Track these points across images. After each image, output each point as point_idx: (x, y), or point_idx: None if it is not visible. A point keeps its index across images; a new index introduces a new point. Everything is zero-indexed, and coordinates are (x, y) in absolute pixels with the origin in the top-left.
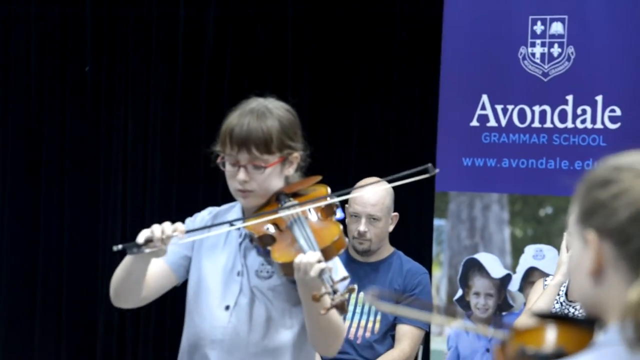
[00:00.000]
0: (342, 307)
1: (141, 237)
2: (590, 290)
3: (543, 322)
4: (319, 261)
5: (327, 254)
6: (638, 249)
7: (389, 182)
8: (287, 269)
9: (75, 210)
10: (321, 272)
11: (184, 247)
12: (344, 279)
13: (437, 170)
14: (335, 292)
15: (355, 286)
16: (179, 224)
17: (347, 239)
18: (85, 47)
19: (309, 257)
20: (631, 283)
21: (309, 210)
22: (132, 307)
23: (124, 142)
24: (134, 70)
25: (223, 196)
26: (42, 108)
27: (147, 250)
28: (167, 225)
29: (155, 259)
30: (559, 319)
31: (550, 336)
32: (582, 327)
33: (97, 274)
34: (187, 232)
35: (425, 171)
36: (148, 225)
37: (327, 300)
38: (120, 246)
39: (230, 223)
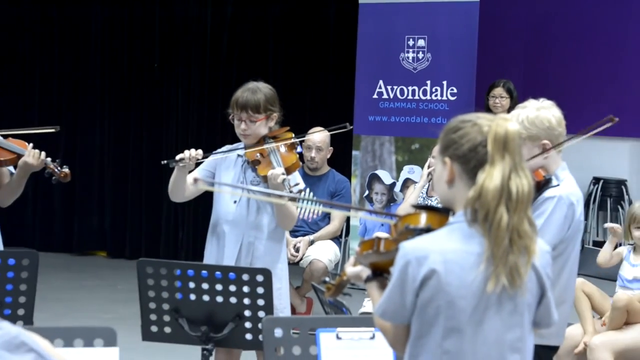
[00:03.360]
0: (295, 200)
1: (178, 156)
2: (447, 192)
3: (418, 210)
4: (282, 174)
5: (288, 170)
6: (473, 167)
7: (330, 131)
8: (266, 178)
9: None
10: (283, 180)
11: (210, 167)
12: (297, 184)
13: (351, 127)
14: (291, 191)
15: (304, 187)
16: (200, 151)
17: (301, 163)
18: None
19: (276, 171)
20: (470, 187)
21: (281, 146)
22: (181, 202)
23: (176, 109)
24: (183, 62)
25: (232, 139)
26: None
27: (181, 164)
28: (192, 150)
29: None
30: (428, 208)
31: (423, 218)
32: (442, 213)
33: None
34: (204, 156)
35: (345, 127)
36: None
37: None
38: (165, 161)
39: (238, 155)
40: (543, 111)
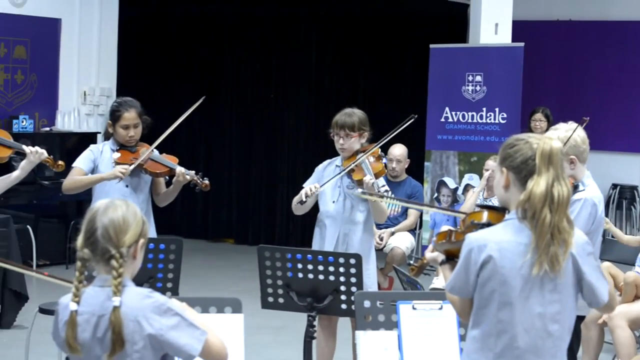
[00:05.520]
0: (382, 198)
1: (304, 196)
2: (503, 195)
3: (481, 209)
4: (372, 178)
5: (377, 176)
6: (524, 176)
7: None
8: (360, 183)
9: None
10: (373, 183)
11: (319, 178)
12: (383, 185)
13: (416, 116)
14: (379, 191)
15: (388, 189)
16: (317, 185)
17: (386, 170)
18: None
19: (368, 178)
20: (521, 192)
21: (370, 157)
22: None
23: (288, 129)
24: (294, 94)
25: (332, 153)
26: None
27: (306, 201)
28: (313, 186)
29: None
30: (489, 207)
31: (485, 215)
32: (499, 211)
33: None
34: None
35: (411, 118)
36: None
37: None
38: (301, 199)
39: (336, 165)
40: (570, 132)
